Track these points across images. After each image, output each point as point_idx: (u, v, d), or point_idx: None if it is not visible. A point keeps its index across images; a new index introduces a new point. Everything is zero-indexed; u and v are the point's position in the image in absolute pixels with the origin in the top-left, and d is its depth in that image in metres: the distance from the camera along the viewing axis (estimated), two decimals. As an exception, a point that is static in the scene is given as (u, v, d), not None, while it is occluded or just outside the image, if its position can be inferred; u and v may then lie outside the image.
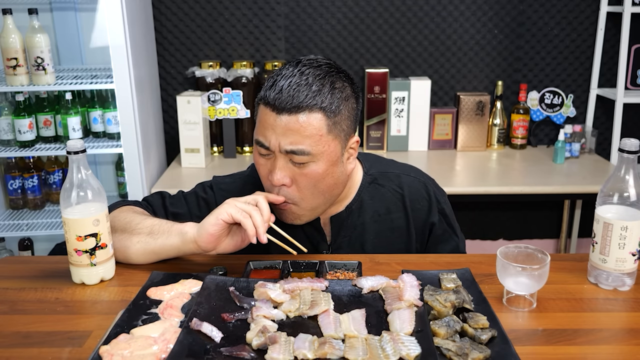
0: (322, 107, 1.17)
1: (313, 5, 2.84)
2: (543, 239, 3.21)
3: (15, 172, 2.65)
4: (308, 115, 1.16)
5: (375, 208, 1.36)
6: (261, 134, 1.19)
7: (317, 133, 1.17)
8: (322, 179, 1.21)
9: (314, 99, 1.16)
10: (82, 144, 1.13)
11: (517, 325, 1.02)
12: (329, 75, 1.19)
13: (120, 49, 2.33)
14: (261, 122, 1.20)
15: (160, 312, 1.03)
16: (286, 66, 1.21)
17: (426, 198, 1.38)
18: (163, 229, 1.22)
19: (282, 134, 1.16)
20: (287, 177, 1.19)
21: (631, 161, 1.12)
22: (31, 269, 1.26)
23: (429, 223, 1.38)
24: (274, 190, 1.22)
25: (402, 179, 1.38)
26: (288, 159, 1.19)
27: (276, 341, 0.91)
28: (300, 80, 1.16)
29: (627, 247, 1.13)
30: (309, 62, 1.21)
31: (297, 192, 1.22)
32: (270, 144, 1.18)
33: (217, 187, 1.41)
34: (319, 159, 1.19)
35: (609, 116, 2.96)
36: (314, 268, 1.22)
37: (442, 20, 2.88)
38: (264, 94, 1.19)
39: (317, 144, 1.17)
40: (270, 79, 1.20)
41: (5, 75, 2.35)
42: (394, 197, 1.37)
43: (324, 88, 1.17)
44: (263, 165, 1.23)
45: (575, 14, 2.88)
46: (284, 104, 1.15)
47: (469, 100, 2.85)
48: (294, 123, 1.16)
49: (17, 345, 0.97)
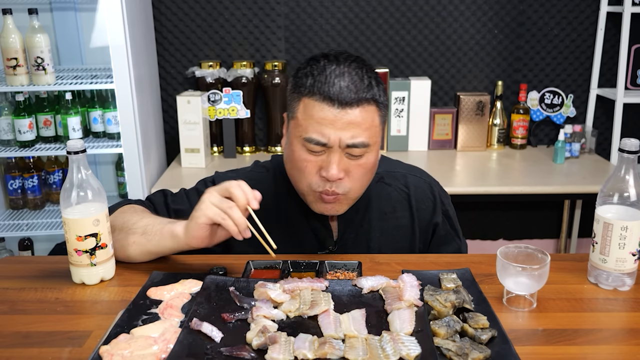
0: (375, 98, 1.19)
1: (313, 5, 2.84)
2: (543, 239, 3.21)
3: (15, 172, 2.65)
4: (367, 108, 1.18)
5: (382, 206, 1.37)
6: (316, 132, 1.17)
7: (373, 124, 1.20)
8: (373, 167, 1.24)
9: (369, 92, 1.18)
10: (82, 144, 1.13)
11: (517, 325, 1.02)
12: (369, 68, 1.21)
13: (120, 49, 2.33)
14: (313, 118, 1.17)
15: (160, 312, 1.03)
16: (321, 62, 1.20)
17: (431, 199, 1.39)
18: (155, 229, 1.20)
19: (342, 129, 1.16)
20: (342, 170, 1.19)
21: (631, 161, 1.12)
22: (31, 269, 1.26)
23: (432, 223, 1.39)
24: (327, 185, 1.20)
25: (408, 179, 1.40)
26: (344, 152, 1.19)
27: (276, 341, 0.91)
28: (351, 74, 1.17)
29: (627, 247, 1.13)
30: (346, 56, 1.21)
31: (350, 182, 1.22)
32: (330, 140, 1.16)
33: (219, 181, 1.38)
34: (372, 150, 1.21)
35: (609, 116, 2.96)
36: (314, 268, 1.22)
37: (442, 20, 2.88)
38: (317, 89, 1.16)
39: (373, 135, 1.20)
40: (311, 74, 1.18)
41: (5, 75, 2.35)
42: (400, 196, 1.38)
43: (372, 80, 1.19)
44: (312, 162, 1.20)
45: (575, 14, 2.88)
46: (347, 99, 1.15)
47: (469, 100, 2.85)
48: (356, 117, 1.16)
49: (17, 345, 0.97)
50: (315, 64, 1.20)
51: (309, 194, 1.25)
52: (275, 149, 2.89)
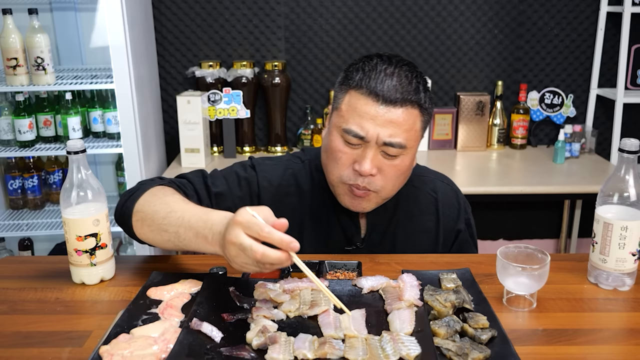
0: (420, 103, 1.20)
1: (313, 5, 2.84)
2: (543, 239, 3.21)
3: (15, 172, 2.65)
4: (409, 110, 1.18)
5: (410, 208, 1.39)
6: (356, 124, 1.18)
7: (413, 128, 1.20)
8: (406, 170, 1.25)
9: (415, 94, 1.19)
10: (82, 144, 1.13)
11: (517, 325, 1.02)
12: (419, 74, 1.22)
13: (120, 49, 2.33)
14: (356, 111, 1.18)
15: (160, 312, 1.03)
16: (374, 60, 1.21)
17: (456, 205, 1.43)
18: (189, 237, 1.06)
19: (382, 125, 1.17)
20: (375, 167, 1.20)
21: (631, 161, 1.12)
22: (31, 269, 1.26)
23: (455, 229, 1.42)
24: (359, 180, 1.21)
25: (436, 184, 1.43)
26: (380, 150, 1.19)
27: (276, 341, 0.91)
28: (401, 76, 1.18)
29: (627, 247, 1.13)
30: (400, 58, 1.23)
31: (382, 181, 1.22)
32: (368, 135, 1.17)
33: (259, 167, 1.38)
34: (409, 153, 1.22)
35: (609, 116, 2.96)
36: (314, 268, 1.22)
37: (442, 20, 2.88)
38: (365, 83, 1.18)
39: (411, 138, 1.20)
40: (362, 69, 1.20)
41: (5, 75, 2.35)
42: (428, 200, 1.40)
43: (420, 85, 1.20)
44: (347, 154, 1.21)
45: (575, 14, 2.88)
46: (391, 96, 1.16)
47: (469, 100, 2.85)
48: (397, 116, 1.17)
49: (17, 345, 0.97)
50: (368, 61, 1.21)
51: (339, 185, 1.26)
52: (275, 149, 2.89)
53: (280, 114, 2.87)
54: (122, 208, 1.20)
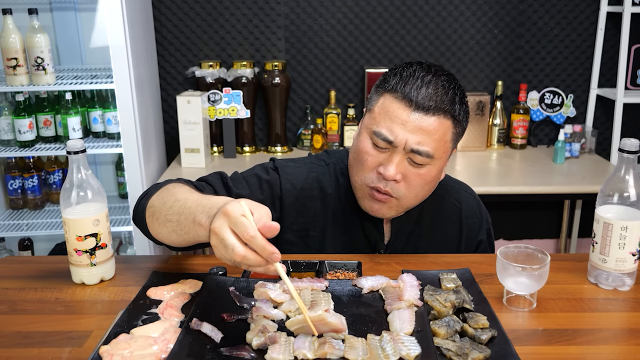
0: (453, 115, 1.18)
1: (313, 5, 2.84)
2: (543, 239, 3.21)
3: (15, 172, 2.65)
4: (442, 120, 1.17)
5: (434, 217, 1.38)
6: (386, 127, 1.18)
7: (443, 138, 1.19)
8: (432, 181, 1.23)
9: (450, 105, 1.17)
10: (82, 144, 1.13)
11: (517, 325, 1.02)
12: (458, 86, 1.21)
13: (120, 49, 2.33)
14: (387, 114, 1.18)
15: (160, 312, 1.03)
16: (414, 66, 1.20)
17: (479, 216, 1.43)
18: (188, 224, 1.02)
19: (411, 132, 1.16)
20: (400, 173, 1.19)
21: (631, 161, 1.12)
22: (31, 269, 1.26)
23: (477, 240, 1.42)
24: (382, 184, 1.21)
25: (461, 194, 1.42)
26: (406, 156, 1.19)
27: (276, 341, 0.91)
28: (437, 85, 1.17)
29: (627, 247, 1.13)
30: (439, 67, 1.21)
31: (405, 189, 1.21)
32: (396, 139, 1.17)
33: (282, 170, 1.35)
34: (436, 163, 1.21)
35: (609, 116, 2.96)
36: (314, 268, 1.22)
37: (442, 20, 2.88)
38: (400, 88, 1.17)
39: (440, 149, 1.19)
40: (400, 74, 1.19)
41: (5, 75, 2.35)
42: (452, 209, 1.40)
43: (456, 97, 1.19)
44: (374, 156, 1.21)
45: (575, 14, 2.88)
46: (424, 104, 1.15)
47: (469, 100, 2.85)
48: (429, 125, 1.16)
49: (17, 345, 0.97)
50: (408, 67, 1.21)
51: (361, 188, 1.25)
52: (275, 149, 2.89)
53: (280, 114, 2.87)
54: (137, 207, 1.21)
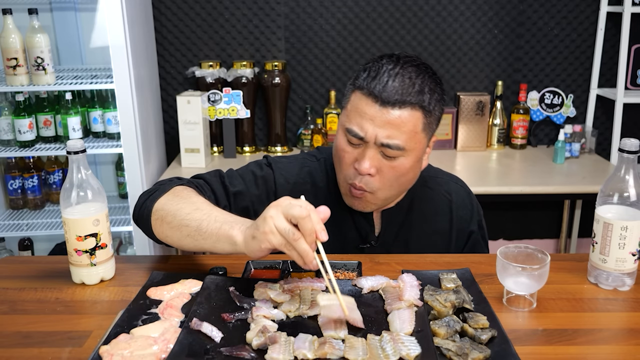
0: (422, 105, 1.19)
1: (313, 5, 2.84)
2: (543, 239, 3.21)
3: (15, 172, 2.66)
4: (410, 112, 1.18)
5: (423, 209, 1.40)
6: (356, 124, 1.20)
7: (414, 130, 1.19)
8: (407, 173, 1.24)
9: (417, 96, 1.18)
10: (82, 144, 1.13)
11: (517, 325, 1.02)
12: (428, 75, 1.22)
13: (120, 49, 2.33)
14: (357, 111, 1.20)
15: (160, 312, 1.03)
16: (384, 59, 1.21)
17: (469, 207, 1.43)
18: (211, 229, 1.08)
19: (380, 126, 1.18)
20: (374, 167, 1.21)
21: (631, 161, 1.12)
22: (31, 269, 1.26)
23: (468, 231, 1.42)
24: (357, 179, 1.23)
25: (450, 186, 1.43)
26: (379, 150, 1.20)
27: (276, 341, 0.91)
28: (404, 77, 1.18)
29: (627, 247, 1.13)
30: (409, 59, 1.22)
31: (379, 182, 1.23)
32: (367, 135, 1.19)
33: (275, 165, 1.39)
34: (409, 155, 1.22)
35: (609, 116, 2.96)
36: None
37: (442, 20, 2.88)
38: (367, 84, 1.19)
39: (411, 140, 1.20)
40: (369, 69, 1.21)
41: (5, 75, 2.35)
42: (442, 201, 1.41)
43: (424, 87, 1.19)
44: (349, 153, 1.23)
45: (575, 14, 2.88)
46: (389, 98, 1.16)
47: (469, 100, 2.85)
48: (396, 118, 1.17)
49: (17, 345, 0.97)
50: (378, 61, 1.22)
51: (343, 185, 1.29)
52: (275, 149, 2.89)
53: (280, 114, 2.87)
54: (140, 208, 1.22)
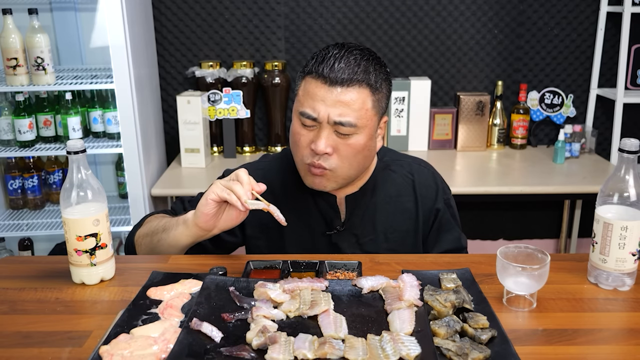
0: (369, 83, 1.27)
1: (313, 5, 2.84)
2: (543, 239, 3.21)
3: (15, 172, 2.65)
4: (358, 90, 1.26)
5: (387, 191, 1.44)
6: (309, 106, 1.27)
7: (364, 107, 1.27)
8: (362, 150, 1.30)
9: (363, 74, 1.26)
10: (82, 144, 1.13)
11: (517, 325, 1.02)
12: (372, 57, 1.31)
13: (120, 49, 2.33)
14: (309, 94, 1.27)
15: (160, 312, 1.03)
16: (330, 47, 1.31)
17: (433, 187, 1.47)
18: (171, 223, 1.32)
19: (332, 105, 1.25)
20: (330, 146, 1.27)
21: (631, 161, 1.12)
22: (31, 269, 1.26)
23: (434, 209, 1.45)
24: (315, 158, 1.28)
25: (413, 167, 1.48)
26: (333, 129, 1.27)
27: (276, 341, 0.91)
28: (349, 58, 1.27)
29: (627, 247, 1.13)
30: (354, 44, 1.32)
31: (337, 160, 1.29)
32: (319, 115, 1.25)
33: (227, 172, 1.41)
34: (362, 132, 1.28)
35: (609, 116, 2.96)
36: (314, 268, 1.22)
37: (442, 20, 2.88)
38: (315, 68, 1.27)
39: (362, 117, 1.27)
40: (316, 56, 1.29)
41: (5, 75, 2.35)
42: (405, 182, 1.45)
43: (369, 67, 1.28)
44: (305, 135, 1.29)
45: (575, 14, 2.88)
46: (337, 78, 1.24)
47: (469, 100, 2.85)
48: (345, 96, 1.25)
49: (17, 345, 0.97)
50: (323, 50, 1.31)
51: (301, 167, 1.34)
52: (275, 149, 2.89)
53: (280, 114, 2.87)
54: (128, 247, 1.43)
